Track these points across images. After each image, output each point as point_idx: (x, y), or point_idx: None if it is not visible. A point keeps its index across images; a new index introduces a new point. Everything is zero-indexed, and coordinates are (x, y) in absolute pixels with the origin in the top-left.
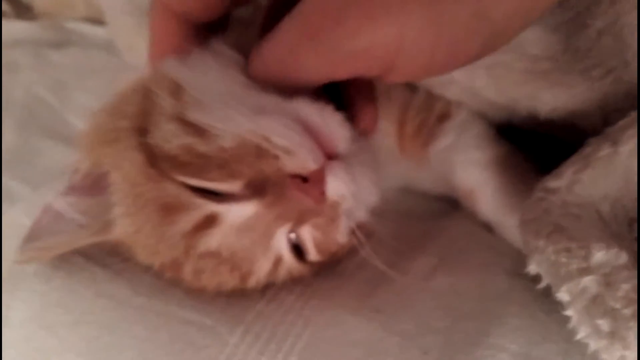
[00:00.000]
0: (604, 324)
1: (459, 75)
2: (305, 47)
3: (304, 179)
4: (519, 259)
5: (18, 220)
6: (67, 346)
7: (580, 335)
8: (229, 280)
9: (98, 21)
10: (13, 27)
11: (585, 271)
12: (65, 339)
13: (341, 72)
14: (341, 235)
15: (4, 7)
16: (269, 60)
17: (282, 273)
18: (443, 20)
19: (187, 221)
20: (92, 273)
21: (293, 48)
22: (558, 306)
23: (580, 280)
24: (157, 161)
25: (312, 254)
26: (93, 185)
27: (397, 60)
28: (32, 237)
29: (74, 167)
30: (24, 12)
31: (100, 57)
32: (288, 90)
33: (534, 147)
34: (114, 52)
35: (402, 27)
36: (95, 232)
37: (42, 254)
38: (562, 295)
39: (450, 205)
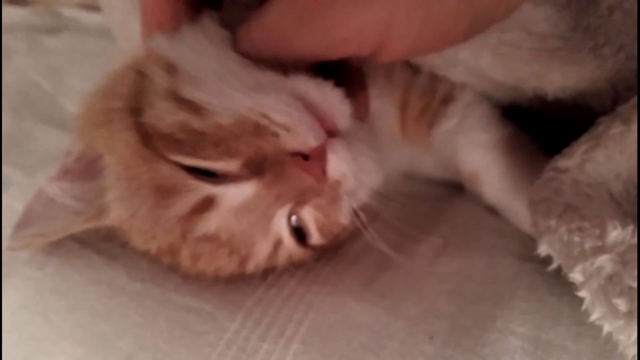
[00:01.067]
0: (621, 303)
1: (464, 55)
2: (297, 32)
3: (305, 157)
4: (527, 242)
5: (11, 206)
6: (62, 333)
7: (595, 316)
8: (228, 265)
9: (93, 7)
10: (7, 13)
11: (600, 250)
12: (60, 326)
13: (333, 53)
14: (344, 217)
15: None
16: (258, 42)
17: (282, 257)
18: (432, 1)
19: (183, 204)
20: (88, 259)
21: (284, 33)
22: (568, 288)
23: (595, 260)
24: (151, 140)
25: (315, 237)
26: (86, 169)
27: (386, 40)
28: (24, 223)
29: (67, 150)
30: None
31: (95, 43)
32: (280, 66)
33: (540, 129)
34: (109, 37)
35: (392, 8)
36: (89, 217)
37: (35, 240)
38: (576, 275)
39: (455, 190)
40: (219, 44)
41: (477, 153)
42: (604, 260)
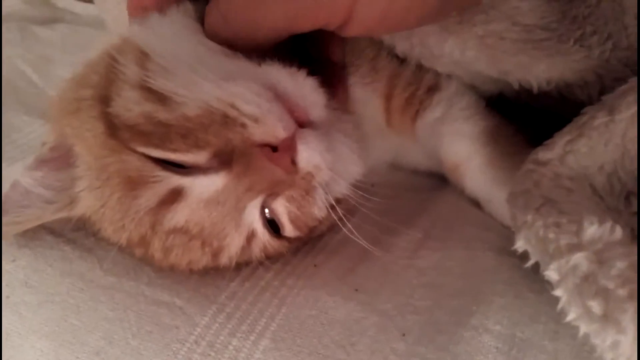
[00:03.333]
0: (595, 305)
1: (449, 47)
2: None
3: (274, 148)
4: (507, 236)
5: None
6: (32, 328)
7: (570, 317)
8: (200, 258)
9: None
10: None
11: (575, 247)
12: (30, 320)
13: (303, 22)
14: (318, 209)
15: None
16: (228, 11)
17: (256, 250)
18: None
19: (151, 195)
20: (61, 251)
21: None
22: (547, 285)
23: (570, 258)
24: (117, 131)
25: (288, 229)
26: (61, 159)
27: (356, 7)
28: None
29: (43, 140)
30: None
31: (89, 34)
32: (245, 47)
33: (527, 120)
34: (103, 28)
35: None
36: (60, 207)
37: (9, 229)
38: (551, 273)
39: (440, 181)
40: (193, 33)
41: (460, 144)
42: (580, 258)
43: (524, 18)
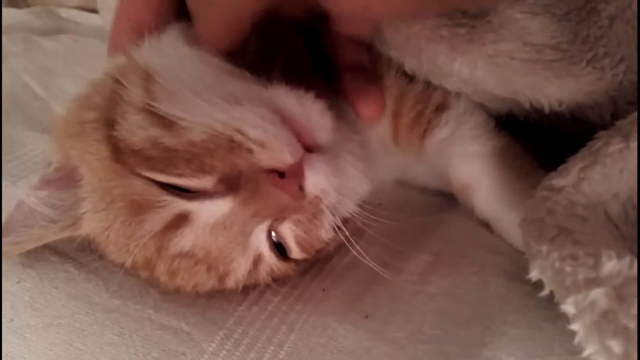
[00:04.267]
0: (615, 345)
1: (458, 65)
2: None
3: (281, 174)
4: (519, 260)
5: None
6: (37, 352)
7: (587, 352)
8: (206, 281)
9: (92, 9)
10: (4, 14)
11: (593, 282)
12: (35, 345)
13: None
14: (325, 232)
15: None
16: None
17: (263, 273)
18: None
19: (156, 220)
20: (67, 273)
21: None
22: (562, 315)
23: (588, 293)
24: (122, 156)
25: (295, 252)
26: (65, 179)
27: None
28: (4, 232)
29: (48, 160)
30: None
31: (93, 45)
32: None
33: (537, 139)
34: (107, 40)
35: None
36: (64, 226)
37: (12, 249)
38: (568, 307)
39: (448, 200)
40: (198, 53)
41: (469, 164)
42: (598, 294)
43: (534, 38)
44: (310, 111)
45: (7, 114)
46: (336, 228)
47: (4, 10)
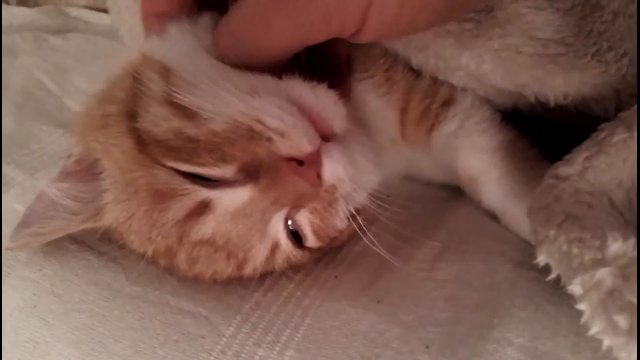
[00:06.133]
0: (621, 319)
1: (465, 59)
2: (277, 9)
3: (299, 162)
4: (525, 248)
5: (11, 207)
6: (59, 336)
7: (594, 330)
8: (225, 269)
9: (101, 8)
10: (15, 13)
11: (600, 263)
12: (57, 329)
13: (315, 33)
14: (340, 220)
15: None
16: (237, 28)
17: (279, 260)
18: None
19: (179, 208)
20: (87, 261)
21: (263, 12)
22: (568, 298)
23: (594, 273)
24: (146, 146)
25: (310, 240)
26: (86, 171)
27: (368, 13)
28: (24, 224)
29: (68, 152)
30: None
31: (102, 43)
32: (260, 65)
33: (541, 133)
34: (116, 38)
35: None
36: (86, 218)
37: (34, 240)
38: (575, 288)
39: (455, 193)
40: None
41: (476, 157)
42: (604, 274)
43: (539, 32)
44: (325, 101)
45: (21, 109)
46: (350, 217)
47: (14, 9)
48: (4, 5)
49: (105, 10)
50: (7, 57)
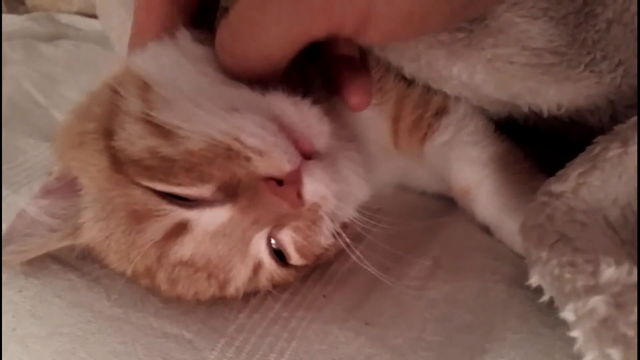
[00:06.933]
0: (614, 352)
1: (457, 70)
2: (276, 2)
3: (279, 181)
4: (519, 265)
5: None
6: None
7: (587, 359)
8: (207, 289)
9: (93, 15)
10: (5, 20)
11: (592, 289)
12: (37, 353)
13: (315, 28)
14: (325, 238)
15: None
16: (238, 25)
17: (263, 279)
18: None
19: (156, 229)
20: (68, 281)
21: (262, 5)
22: (563, 321)
23: (587, 300)
24: (122, 165)
25: (294, 258)
26: (67, 188)
27: (376, 6)
28: (6, 241)
29: (49, 170)
30: (16, 6)
31: (94, 50)
32: (258, 67)
33: (536, 142)
34: (107, 45)
35: None
36: (65, 235)
37: (14, 258)
38: (567, 314)
39: (449, 204)
40: (196, 62)
41: (469, 169)
42: (597, 302)
43: (533, 42)
44: (308, 117)
45: (8, 122)
46: (335, 234)
47: (4, 16)
48: None
49: (96, 17)
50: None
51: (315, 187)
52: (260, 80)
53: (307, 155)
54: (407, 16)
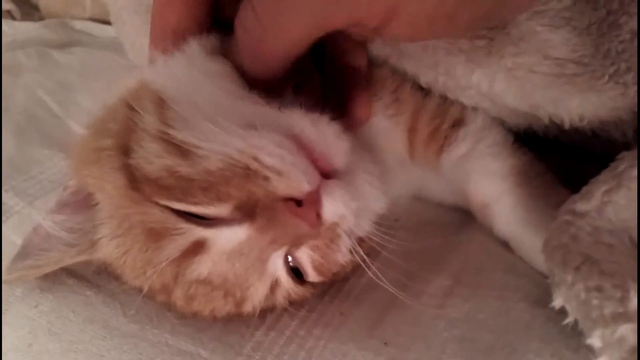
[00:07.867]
0: None
1: (476, 78)
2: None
3: (298, 201)
4: (541, 283)
5: (8, 237)
6: None
7: None
8: (223, 307)
9: (106, 21)
10: (19, 28)
11: (621, 317)
12: None
13: (339, 17)
14: (342, 255)
15: (9, 7)
16: (260, 7)
17: (280, 297)
18: None
19: (173, 247)
20: (84, 296)
21: (275, 5)
22: (586, 345)
23: (616, 328)
24: (139, 184)
25: (312, 276)
26: (82, 202)
27: (403, 4)
28: (21, 255)
29: (66, 182)
30: (30, 12)
31: (107, 57)
32: (273, 54)
33: (558, 155)
34: (120, 52)
35: None
36: (81, 250)
37: (30, 272)
38: (594, 340)
39: (466, 216)
40: (211, 75)
41: (488, 182)
42: (626, 330)
43: (555, 51)
44: (327, 135)
45: (23, 132)
46: (352, 250)
47: (18, 24)
48: (8, 21)
49: (110, 22)
50: (10, 75)
51: (334, 207)
52: (272, 80)
53: (327, 175)
54: (434, 15)
